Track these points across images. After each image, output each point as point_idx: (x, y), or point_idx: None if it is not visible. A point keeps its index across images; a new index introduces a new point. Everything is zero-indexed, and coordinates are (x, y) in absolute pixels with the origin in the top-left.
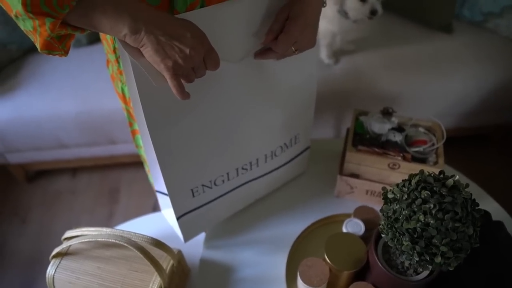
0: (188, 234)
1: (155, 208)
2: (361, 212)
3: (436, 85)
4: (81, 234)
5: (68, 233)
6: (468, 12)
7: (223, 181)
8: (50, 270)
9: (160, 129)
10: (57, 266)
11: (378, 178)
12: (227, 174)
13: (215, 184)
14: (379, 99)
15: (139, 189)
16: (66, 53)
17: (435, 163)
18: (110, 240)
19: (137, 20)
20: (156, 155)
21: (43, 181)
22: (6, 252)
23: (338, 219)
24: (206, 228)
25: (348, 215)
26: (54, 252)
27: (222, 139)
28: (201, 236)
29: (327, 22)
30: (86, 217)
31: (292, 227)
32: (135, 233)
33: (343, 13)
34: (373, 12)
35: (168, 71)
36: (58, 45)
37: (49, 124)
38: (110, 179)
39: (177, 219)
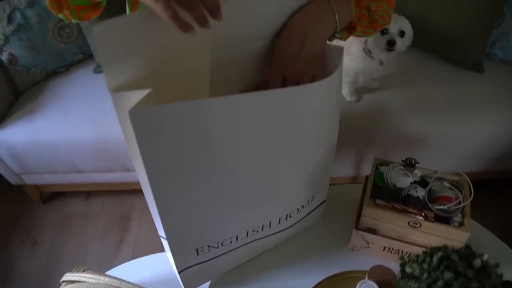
0: (190, 285)
1: None
2: (377, 273)
3: (465, 128)
4: (79, 280)
5: (67, 276)
6: (500, 51)
7: (231, 242)
8: None
9: (166, 196)
10: None
11: (397, 235)
12: (236, 236)
13: (222, 244)
14: (402, 140)
15: (150, 218)
16: (76, 18)
17: (461, 223)
18: None
19: None
20: (161, 220)
21: (57, 202)
22: (14, 274)
23: (351, 276)
24: (210, 279)
25: (363, 272)
26: None
27: (235, 206)
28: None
29: (351, 59)
30: (96, 243)
31: (303, 280)
32: (133, 285)
33: (367, 51)
34: (390, 43)
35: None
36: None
37: (65, 149)
38: (123, 206)
39: (179, 273)
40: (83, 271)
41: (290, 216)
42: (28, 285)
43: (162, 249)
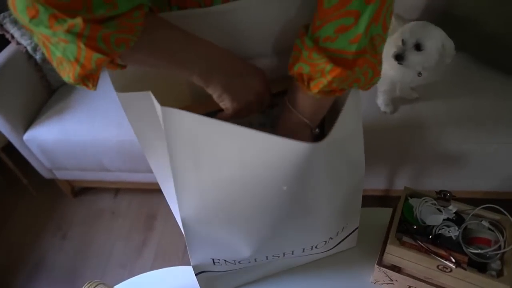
0: None
1: None
2: None
3: None
4: None
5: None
6: None
7: (248, 262)
8: None
9: (187, 198)
10: None
11: (424, 276)
12: (254, 259)
13: (239, 262)
14: (441, 156)
15: (175, 219)
16: (95, 86)
17: (499, 273)
18: None
19: (208, 60)
20: (183, 228)
21: (88, 197)
22: (44, 265)
23: None
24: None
25: None
26: None
27: (252, 233)
28: None
29: (389, 65)
30: (121, 241)
31: None
32: None
33: None
34: (397, 57)
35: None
36: (92, 79)
37: (92, 148)
38: (149, 205)
39: (196, 274)
40: (95, 286)
41: (316, 247)
42: (56, 278)
43: (184, 254)
